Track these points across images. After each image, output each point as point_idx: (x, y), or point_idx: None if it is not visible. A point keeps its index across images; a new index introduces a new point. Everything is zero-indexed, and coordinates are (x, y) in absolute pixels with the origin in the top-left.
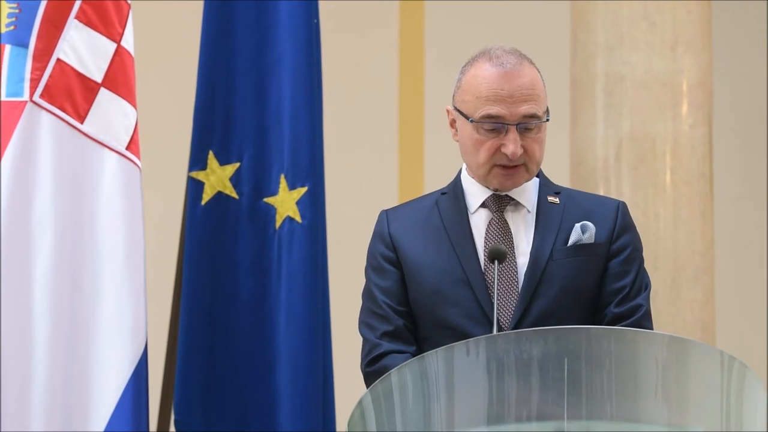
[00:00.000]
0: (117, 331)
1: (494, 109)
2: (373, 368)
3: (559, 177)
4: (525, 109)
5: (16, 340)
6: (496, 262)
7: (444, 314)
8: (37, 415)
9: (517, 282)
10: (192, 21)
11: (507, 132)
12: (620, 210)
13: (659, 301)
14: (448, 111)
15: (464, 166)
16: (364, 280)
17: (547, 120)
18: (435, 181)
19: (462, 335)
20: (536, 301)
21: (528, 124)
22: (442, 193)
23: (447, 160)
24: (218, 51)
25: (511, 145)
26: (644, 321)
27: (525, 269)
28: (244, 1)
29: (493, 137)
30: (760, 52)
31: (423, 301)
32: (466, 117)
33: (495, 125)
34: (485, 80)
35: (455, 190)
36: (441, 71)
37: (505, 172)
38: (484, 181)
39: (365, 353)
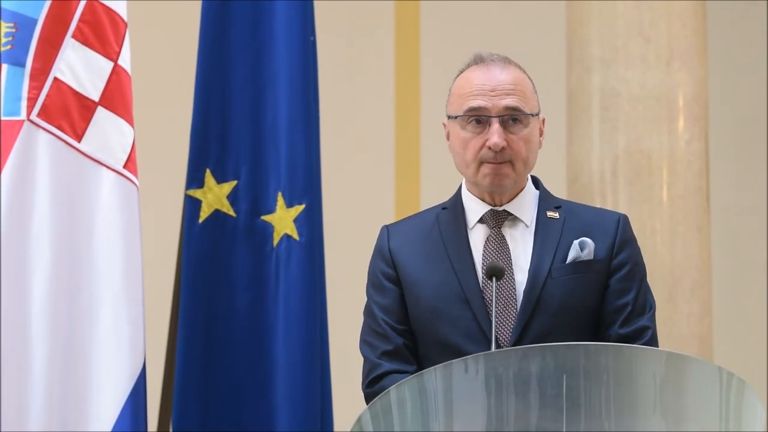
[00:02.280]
0: (115, 349)
1: (477, 102)
2: (372, 389)
3: (555, 192)
4: (507, 101)
5: (14, 358)
6: (494, 279)
7: (441, 332)
8: None
9: (515, 300)
10: (188, 39)
11: (491, 125)
12: (621, 224)
13: (656, 315)
14: (444, 125)
15: (464, 180)
16: (363, 297)
17: (533, 116)
18: (432, 196)
19: (459, 353)
20: (535, 319)
21: (511, 116)
22: (443, 207)
23: (444, 175)
24: (214, 69)
25: (495, 136)
26: (652, 345)
27: (523, 287)
28: (240, 19)
29: (478, 133)
30: (756, 66)
31: (421, 318)
32: (454, 117)
33: (479, 117)
34: (470, 79)
35: (455, 205)
36: (438, 86)
37: (491, 168)
38: (474, 180)
39: (365, 373)
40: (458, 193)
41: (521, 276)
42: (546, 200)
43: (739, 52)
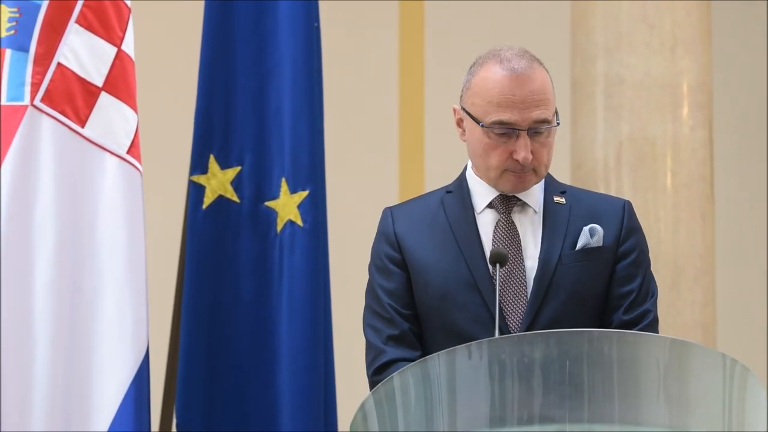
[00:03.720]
0: (118, 336)
1: (506, 115)
2: (379, 377)
3: (560, 179)
4: (536, 114)
5: (17, 345)
6: (497, 265)
7: (451, 318)
8: (37, 420)
9: (525, 286)
10: (192, 25)
11: (518, 137)
12: (626, 210)
13: (659, 303)
14: (455, 110)
15: (469, 163)
16: (366, 282)
17: (558, 124)
18: (435, 182)
19: (469, 340)
20: (545, 306)
21: (539, 129)
22: (448, 191)
23: (448, 162)
24: (219, 54)
25: (522, 152)
26: (650, 329)
27: (534, 273)
28: (244, 4)
29: (503, 142)
30: (760, 53)
31: (430, 303)
32: (477, 121)
33: (506, 130)
34: (496, 84)
35: (461, 188)
36: (441, 73)
37: (515, 176)
38: (494, 184)
39: (371, 359)
40: (463, 176)
41: (531, 262)
42: (552, 185)
43: (742, 43)
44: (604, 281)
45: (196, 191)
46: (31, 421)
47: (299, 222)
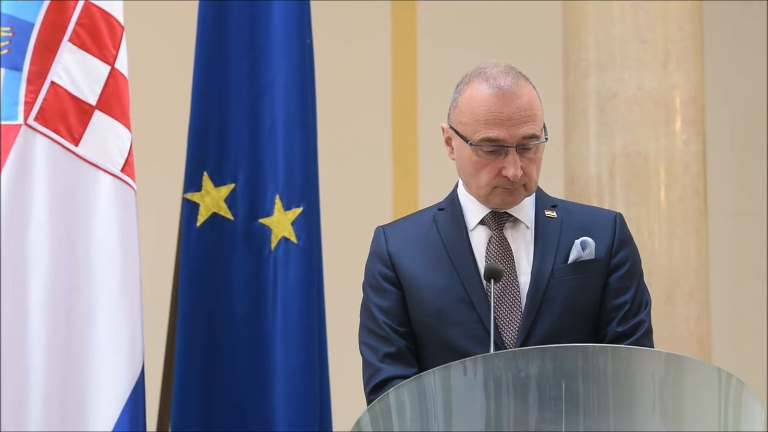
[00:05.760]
0: (114, 353)
1: (494, 132)
2: (377, 395)
3: (553, 194)
4: (524, 130)
5: (12, 362)
6: (492, 281)
7: (446, 335)
8: None
9: (519, 302)
10: (185, 42)
11: (507, 154)
12: (618, 222)
13: (654, 317)
14: (443, 129)
15: (460, 181)
16: (360, 299)
17: (546, 139)
18: (429, 197)
19: (464, 356)
20: (540, 321)
21: (527, 145)
22: (440, 208)
23: (441, 176)
24: (212, 71)
25: (512, 168)
26: (645, 340)
27: (527, 289)
28: (237, 22)
29: (492, 159)
30: (753, 67)
31: (425, 321)
32: (465, 139)
33: (495, 148)
34: (483, 102)
35: (452, 206)
36: (435, 86)
37: (506, 191)
38: (485, 201)
39: (367, 377)
40: (455, 194)
41: (524, 278)
42: (542, 199)
43: (736, 54)
44: (597, 294)
45: (190, 209)
46: None
47: (293, 239)
